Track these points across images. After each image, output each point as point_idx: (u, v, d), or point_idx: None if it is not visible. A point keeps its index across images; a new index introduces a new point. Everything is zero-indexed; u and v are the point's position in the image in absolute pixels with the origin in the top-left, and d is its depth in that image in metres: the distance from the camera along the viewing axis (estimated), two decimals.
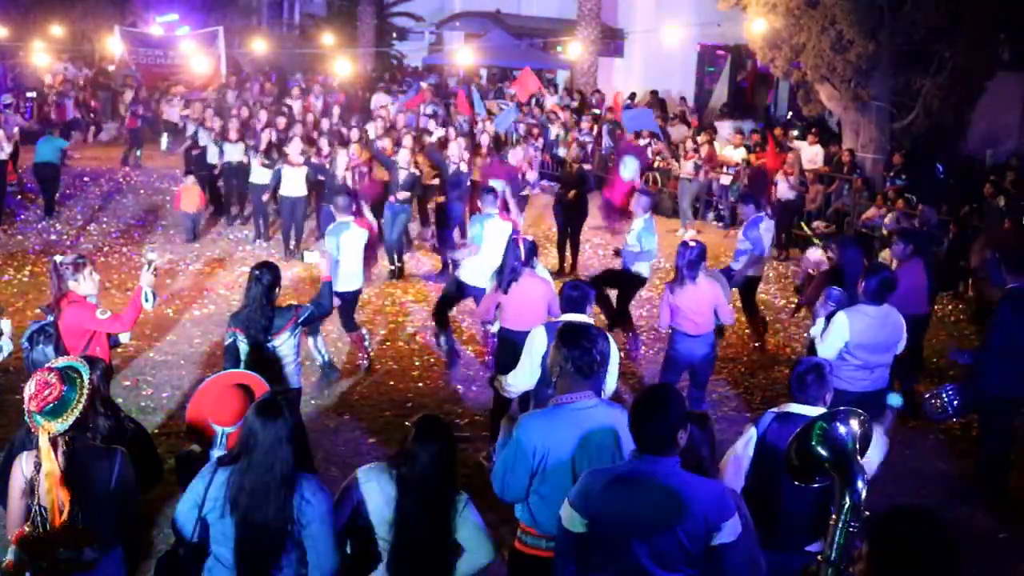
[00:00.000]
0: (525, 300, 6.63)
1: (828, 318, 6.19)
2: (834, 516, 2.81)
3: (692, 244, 7.16)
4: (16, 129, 15.52)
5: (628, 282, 9.25)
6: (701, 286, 7.00)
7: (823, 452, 2.93)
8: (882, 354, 6.08)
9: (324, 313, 5.99)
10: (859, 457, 2.94)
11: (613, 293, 9.41)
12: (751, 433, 4.42)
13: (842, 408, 3.09)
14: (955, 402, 6.38)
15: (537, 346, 5.29)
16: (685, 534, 3.16)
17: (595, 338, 3.91)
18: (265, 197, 12.96)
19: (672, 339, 7.18)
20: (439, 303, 8.76)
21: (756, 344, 9.68)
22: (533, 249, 6.90)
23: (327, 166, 12.27)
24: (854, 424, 2.97)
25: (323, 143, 13.10)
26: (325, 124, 15.49)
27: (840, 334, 6.01)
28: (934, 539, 2.48)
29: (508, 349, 6.56)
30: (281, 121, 15.24)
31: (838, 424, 2.95)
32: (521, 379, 5.43)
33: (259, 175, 12.96)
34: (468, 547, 3.61)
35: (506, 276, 6.75)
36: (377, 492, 3.57)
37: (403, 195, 11.70)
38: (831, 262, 8.23)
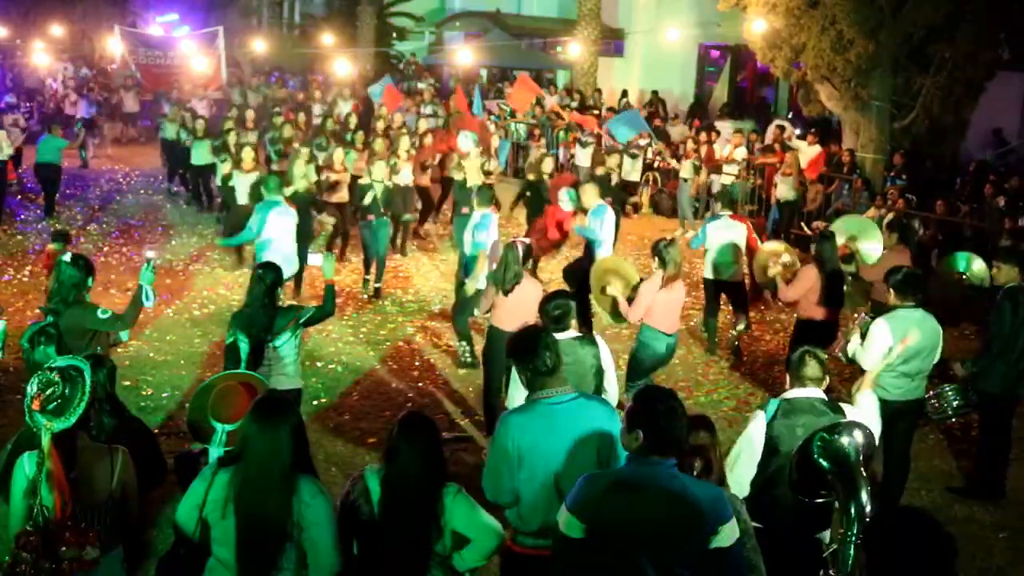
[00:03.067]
0: (521, 302, 6.69)
1: (863, 333, 6.10)
2: (841, 530, 2.78)
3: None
4: (21, 136, 15.47)
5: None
6: (680, 285, 7.25)
7: (824, 463, 2.90)
8: (924, 360, 6.00)
9: (327, 315, 6.00)
10: (864, 470, 2.91)
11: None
12: (760, 418, 4.44)
13: (847, 420, 3.07)
14: (955, 402, 6.38)
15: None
16: (683, 538, 3.15)
17: (537, 339, 3.96)
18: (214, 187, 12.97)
19: (649, 337, 7.15)
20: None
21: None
22: (529, 251, 7.03)
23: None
24: (858, 436, 2.94)
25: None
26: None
27: (883, 340, 5.90)
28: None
29: (497, 347, 6.73)
30: (279, 122, 15.18)
31: (840, 436, 2.93)
32: (514, 400, 5.37)
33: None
34: (471, 535, 3.60)
35: (508, 279, 6.80)
36: (373, 489, 3.60)
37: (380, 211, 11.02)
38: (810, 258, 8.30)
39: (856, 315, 6.68)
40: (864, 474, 2.89)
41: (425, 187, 13.96)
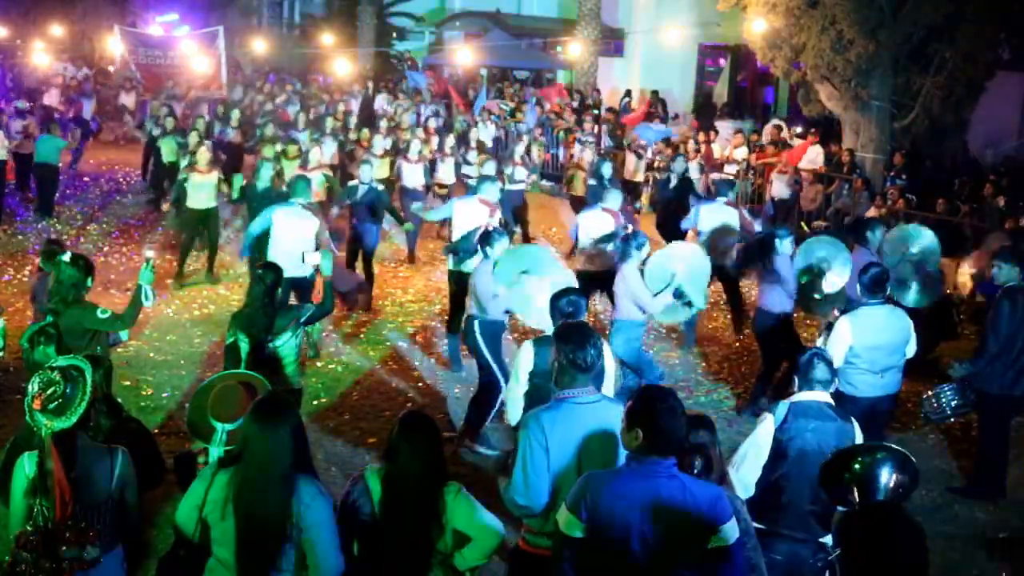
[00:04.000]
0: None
1: (830, 326, 6.16)
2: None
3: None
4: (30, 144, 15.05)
5: None
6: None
7: (856, 470, 2.93)
8: (889, 356, 6.04)
9: (326, 312, 6.01)
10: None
11: None
12: (768, 421, 4.43)
13: (897, 449, 3.08)
14: (954, 402, 6.38)
15: (523, 362, 5.24)
16: (683, 537, 3.15)
17: (590, 336, 3.94)
18: (164, 207, 12.05)
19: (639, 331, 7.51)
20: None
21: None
22: (485, 237, 7.16)
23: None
24: (897, 473, 2.96)
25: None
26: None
27: (843, 338, 5.98)
28: (902, 531, 2.50)
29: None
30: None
31: (883, 466, 2.95)
32: (514, 400, 5.31)
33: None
34: (471, 534, 3.61)
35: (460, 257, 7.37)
36: (374, 489, 3.61)
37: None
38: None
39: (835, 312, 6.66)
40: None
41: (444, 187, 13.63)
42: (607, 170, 12.03)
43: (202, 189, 10.92)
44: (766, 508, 4.34)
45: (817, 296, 7.81)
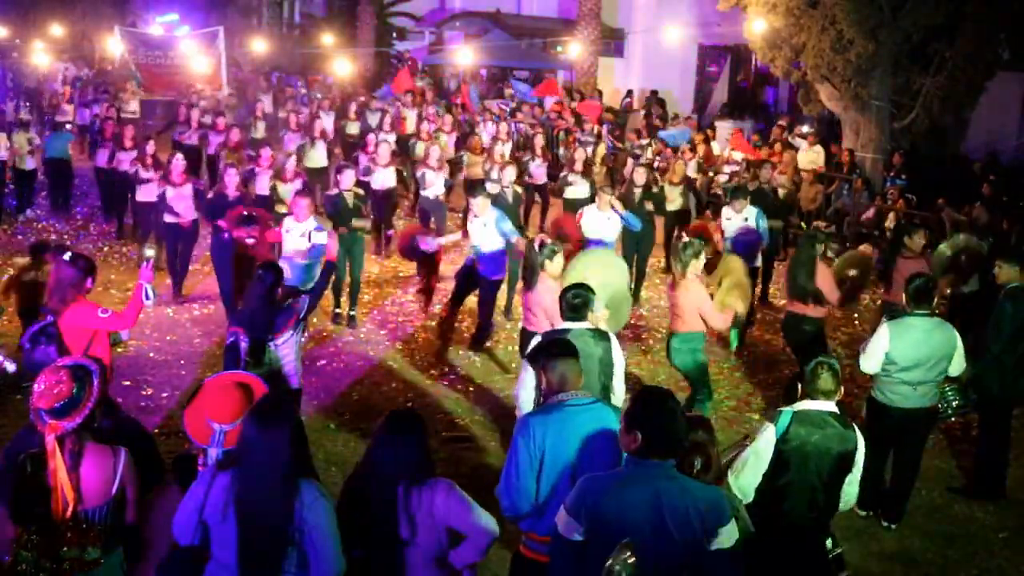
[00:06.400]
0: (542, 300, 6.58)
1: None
2: None
3: None
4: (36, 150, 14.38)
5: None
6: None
7: None
8: (928, 370, 5.93)
9: (322, 290, 6.12)
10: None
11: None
12: (770, 431, 4.43)
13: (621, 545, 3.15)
14: (955, 402, 6.37)
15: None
16: (683, 539, 3.15)
17: (571, 349, 4.08)
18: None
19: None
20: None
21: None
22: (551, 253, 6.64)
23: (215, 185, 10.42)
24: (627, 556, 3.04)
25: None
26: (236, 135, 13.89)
27: (880, 345, 5.90)
28: None
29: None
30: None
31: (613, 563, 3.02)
32: (525, 394, 5.23)
33: (143, 192, 11.30)
34: (466, 532, 3.61)
35: (530, 275, 6.67)
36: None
37: (360, 223, 9.63)
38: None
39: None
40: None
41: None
42: (640, 178, 11.75)
43: (179, 200, 10.24)
44: (769, 518, 4.34)
45: None
